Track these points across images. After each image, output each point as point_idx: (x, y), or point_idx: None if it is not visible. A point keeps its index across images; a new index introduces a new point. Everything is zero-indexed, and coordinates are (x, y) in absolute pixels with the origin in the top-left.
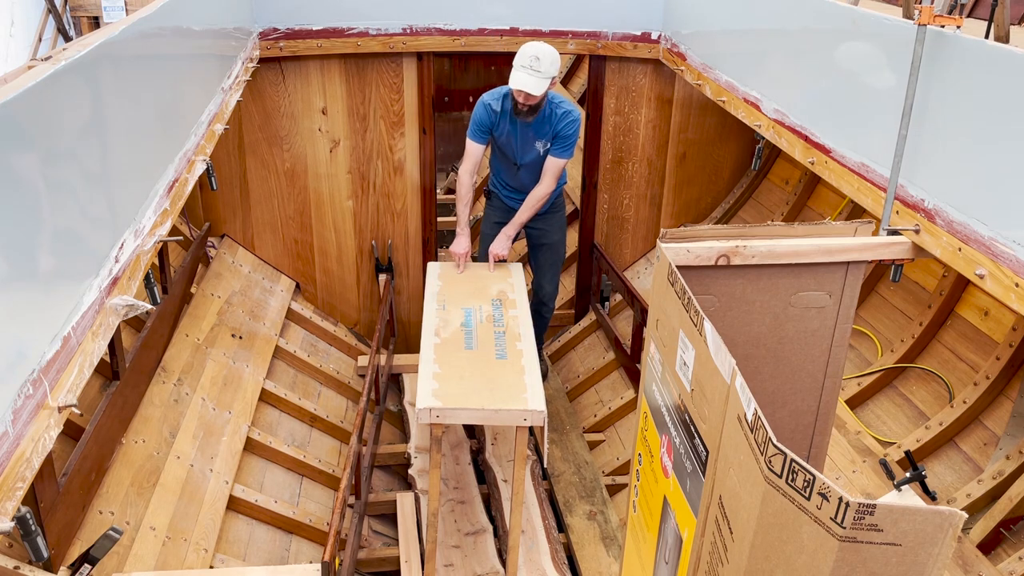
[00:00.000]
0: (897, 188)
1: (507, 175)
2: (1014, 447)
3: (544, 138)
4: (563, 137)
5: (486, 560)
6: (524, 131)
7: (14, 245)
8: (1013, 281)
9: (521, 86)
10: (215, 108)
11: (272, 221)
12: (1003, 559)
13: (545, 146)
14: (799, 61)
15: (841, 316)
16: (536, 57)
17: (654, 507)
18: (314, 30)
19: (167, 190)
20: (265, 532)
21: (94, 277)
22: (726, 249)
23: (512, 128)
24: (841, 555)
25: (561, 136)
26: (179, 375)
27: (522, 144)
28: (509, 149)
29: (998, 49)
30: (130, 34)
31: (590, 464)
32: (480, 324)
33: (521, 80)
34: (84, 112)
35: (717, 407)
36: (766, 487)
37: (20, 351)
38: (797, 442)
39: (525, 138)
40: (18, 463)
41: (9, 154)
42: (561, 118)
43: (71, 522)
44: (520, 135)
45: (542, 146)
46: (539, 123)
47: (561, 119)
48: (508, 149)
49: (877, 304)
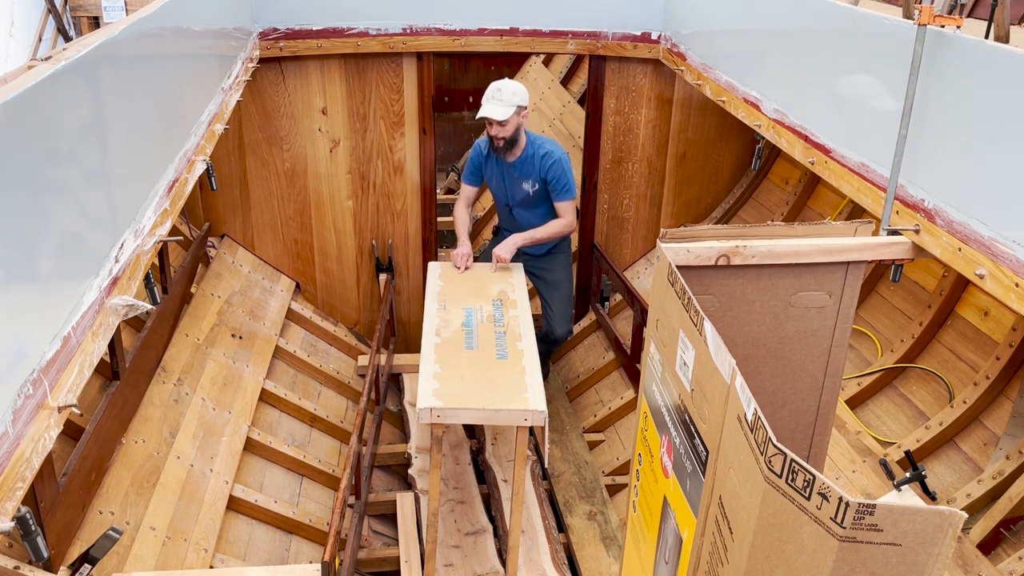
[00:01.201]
0: (897, 188)
1: (503, 217)
2: (1014, 447)
3: (531, 179)
4: (553, 181)
5: (486, 560)
6: (509, 171)
7: (14, 245)
8: (1013, 281)
9: (485, 113)
10: (215, 108)
11: (272, 221)
12: (1003, 559)
13: (534, 187)
14: (799, 61)
15: (841, 316)
16: (498, 88)
17: (654, 507)
18: (314, 30)
19: (167, 190)
20: (265, 532)
21: (94, 277)
22: (726, 249)
23: (498, 169)
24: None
25: (551, 181)
26: (179, 375)
27: (509, 184)
28: (500, 191)
29: (998, 49)
30: (130, 34)
31: (590, 464)
32: (481, 324)
33: (485, 109)
34: (84, 112)
35: (717, 407)
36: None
37: (20, 351)
38: (797, 442)
39: (511, 178)
40: (18, 463)
41: (9, 154)
42: (543, 160)
43: (71, 522)
44: (507, 176)
45: (530, 187)
46: (523, 163)
47: (543, 161)
48: (498, 191)
49: (877, 304)
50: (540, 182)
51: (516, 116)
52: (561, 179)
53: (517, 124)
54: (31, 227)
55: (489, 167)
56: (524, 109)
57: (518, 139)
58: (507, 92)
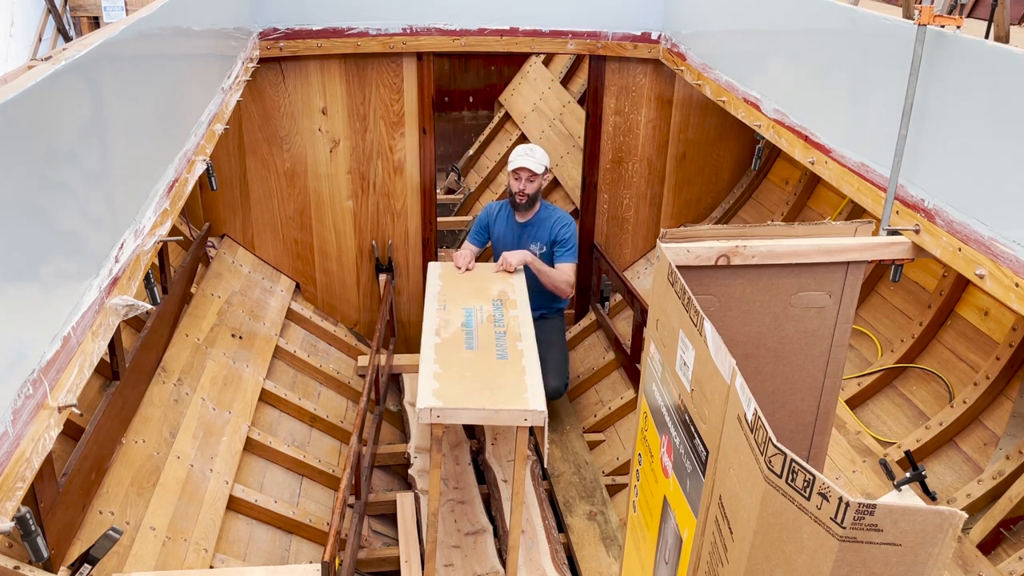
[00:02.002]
0: (897, 188)
1: None
2: (1014, 447)
3: (540, 240)
4: (562, 241)
5: (486, 560)
6: (519, 233)
7: (14, 245)
8: (1013, 281)
9: (522, 164)
10: (215, 108)
11: (272, 221)
12: (1003, 559)
13: (541, 249)
14: (799, 61)
15: (841, 316)
16: (531, 148)
17: (654, 507)
18: (314, 30)
19: (167, 190)
20: (265, 532)
21: (94, 277)
22: (726, 249)
23: (507, 228)
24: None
25: (560, 241)
26: (179, 375)
27: (517, 245)
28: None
29: (998, 49)
30: (130, 34)
31: (590, 464)
32: (481, 324)
33: (522, 161)
34: (84, 112)
35: (717, 407)
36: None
37: (20, 351)
38: (797, 442)
39: (520, 238)
40: (18, 463)
41: (9, 154)
42: (556, 223)
43: (71, 522)
44: (515, 236)
45: (538, 248)
46: (535, 225)
47: (556, 223)
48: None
49: (877, 304)
50: (548, 245)
51: (541, 177)
52: (571, 241)
53: (540, 185)
54: (31, 227)
55: (498, 226)
56: (548, 173)
57: (536, 200)
58: (539, 153)
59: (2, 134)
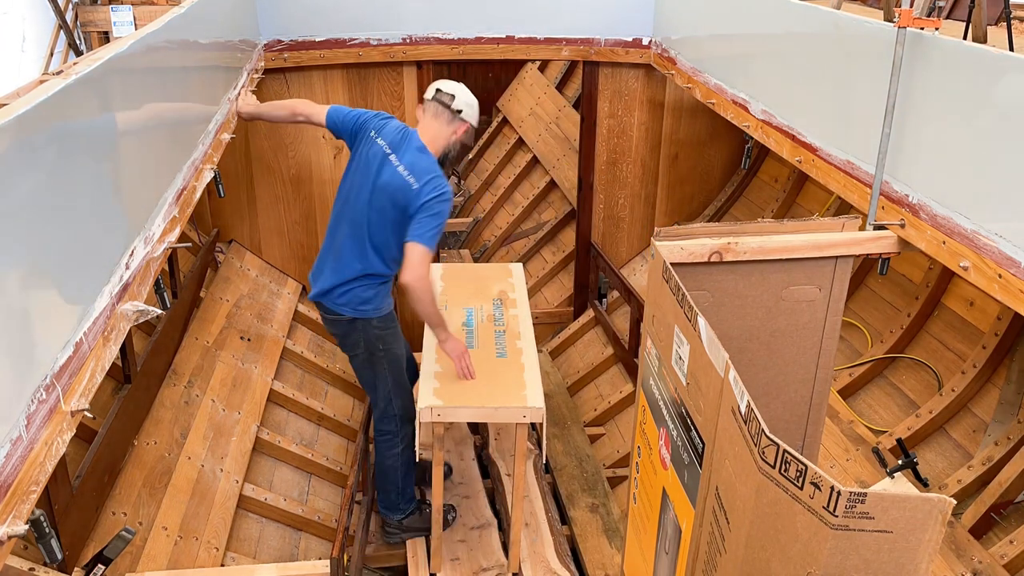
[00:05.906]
0: (882, 184)
1: None
2: (1002, 433)
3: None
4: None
5: (491, 553)
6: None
7: (28, 254)
8: (996, 272)
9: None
10: (222, 117)
11: (278, 226)
12: (994, 543)
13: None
14: (785, 64)
15: (831, 309)
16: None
17: (653, 499)
18: (317, 41)
19: (176, 198)
20: (275, 530)
21: (105, 283)
22: (718, 246)
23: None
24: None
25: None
26: (189, 377)
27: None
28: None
29: (975, 49)
30: (138, 48)
31: (591, 457)
32: (481, 323)
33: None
34: (95, 124)
35: (712, 400)
36: (760, 478)
37: (33, 357)
38: (791, 432)
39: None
40: (32, 467)
41: (23, 166)
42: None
43: (85, 523)
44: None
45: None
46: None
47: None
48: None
49: (866, 297)
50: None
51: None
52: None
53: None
54: (44, 236)
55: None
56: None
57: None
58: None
59: (16, 146)
